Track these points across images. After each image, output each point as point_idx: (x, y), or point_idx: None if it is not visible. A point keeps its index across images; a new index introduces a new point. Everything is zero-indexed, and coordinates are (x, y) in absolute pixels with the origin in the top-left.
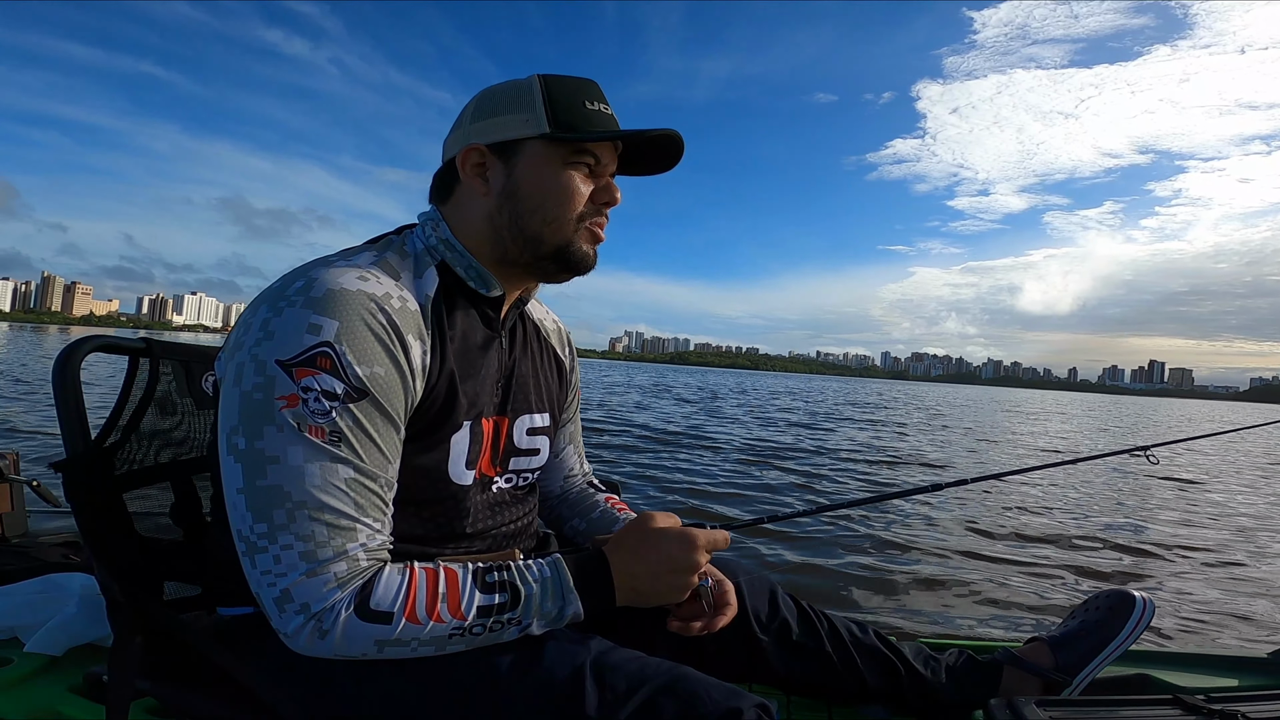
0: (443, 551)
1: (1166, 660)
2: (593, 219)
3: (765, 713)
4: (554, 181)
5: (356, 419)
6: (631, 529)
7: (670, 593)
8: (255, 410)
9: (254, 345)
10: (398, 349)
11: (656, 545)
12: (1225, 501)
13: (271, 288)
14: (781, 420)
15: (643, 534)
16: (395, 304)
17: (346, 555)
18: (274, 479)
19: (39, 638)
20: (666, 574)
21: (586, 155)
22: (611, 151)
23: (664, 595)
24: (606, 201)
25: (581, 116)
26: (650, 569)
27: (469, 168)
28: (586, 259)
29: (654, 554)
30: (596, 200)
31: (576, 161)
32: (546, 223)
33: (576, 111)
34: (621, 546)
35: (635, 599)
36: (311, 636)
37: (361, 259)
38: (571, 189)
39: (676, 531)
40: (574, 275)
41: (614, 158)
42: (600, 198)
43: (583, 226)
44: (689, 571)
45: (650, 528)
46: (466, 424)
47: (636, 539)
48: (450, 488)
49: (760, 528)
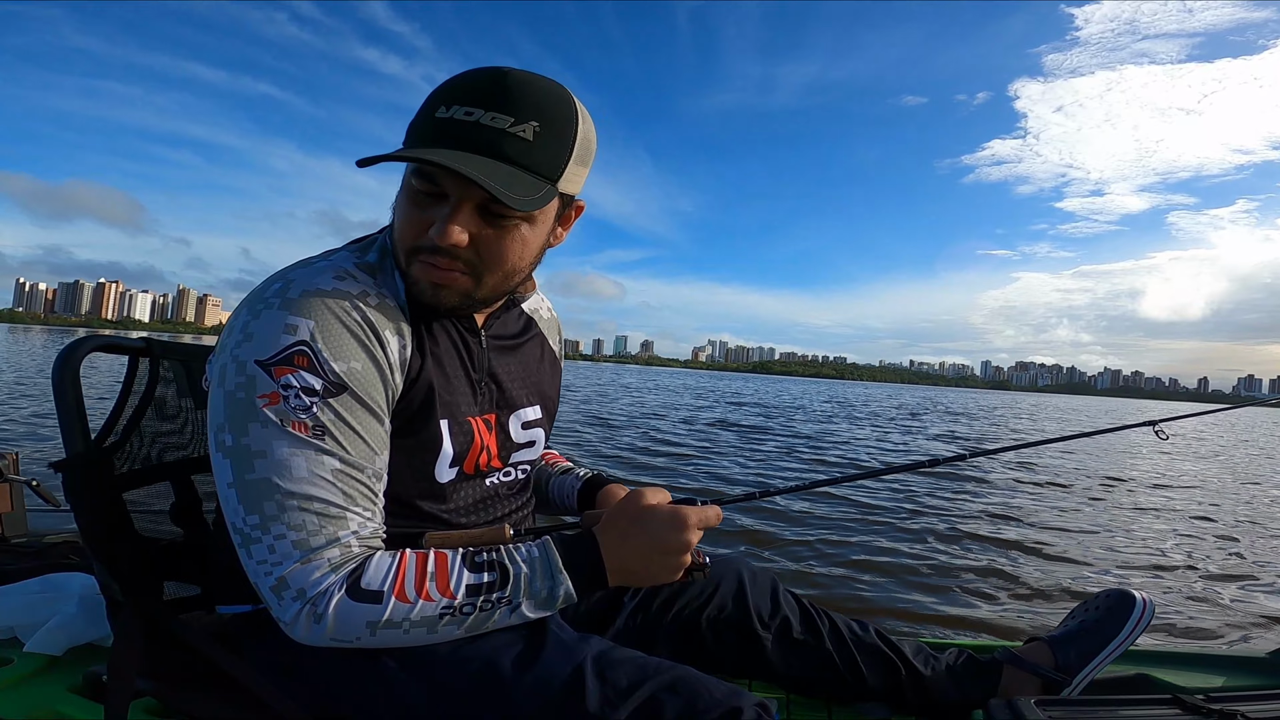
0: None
1: (1166, 660)
2: (425, 255)
3: (765, 712)
4: (397, 203)
5: (338, 413)
6: (621, 508)
7: (662, 573)
8: (239, 408)
9: (235, 347)
10: (374, 344)
11: (647, 525)
12: (1226, 501)
13: (253, 291)
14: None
15: (633, 513)
16: (372, 300)
17: (339, 542)
18: (262, 472)
19: (39, 638)
20: (658, 555)
21: (425, 180)
22: (454, 177)
23: (656, 576)
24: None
25: (429, 127)
26: (641, 550)
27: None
28: (424, 296)
29: (645, 534)
30: (429, 234)
31: (415, 186)
32: (395, 247)
33: (425, 122)
34: (612, 527)
35: (627, 579)
36: (308, 622)
37: (340, 258)
38: (402, 215)
39: (667, 510)
40: (433, 313)
41: (460, 185)
42: (430, 232)
43: (415, 260)
44: (680, 552)
45: (641, 506)
46: (446, 421)
47: (627, 519)
48: (435, 485)
49: (761, 527)
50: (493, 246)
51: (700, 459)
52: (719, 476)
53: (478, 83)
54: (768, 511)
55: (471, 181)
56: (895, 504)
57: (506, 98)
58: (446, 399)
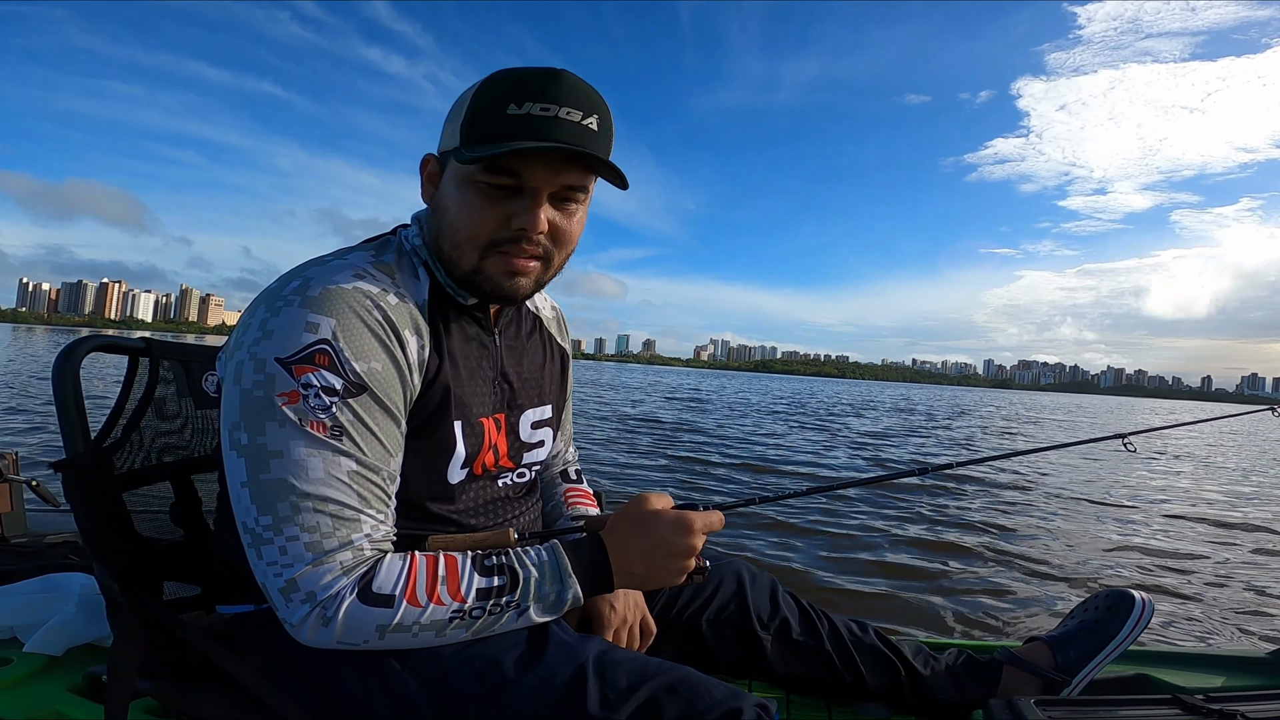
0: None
1: (1166, 660)
2: (505, 247)
3: (765, 712)
4: (458, 201)
5: (357, 413)
6: (627, 512)
7: (666, 576)
8: (256, 407)
9: (252, 344)
10: (394, 344)
11: (652, 530)
12: (1225, 501)
13: (269, 289)
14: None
15: (638, 518)
16: (391, 300)
17: (351, 545)
18: (277, 473)
19: (38, 638)
20: (663, 558)
21: (500, 174)
22: (543, 166)
23: (660, 579)
24: (522, 228)
25: (502, 124)
26: (647, 553)
27: (425, 175)
28: (501, 289)
29: (650, 539)
30: (513, 225)
31: (486, 181)
32: (454, 246)
33: (495, 119)
34: (617, 531)
35: (632, 583)
36: (316, 625)
37: (356, 258)
38: (473, 211)
39: (672, 515)
40: (501, 304)
41: (549, 173)
42: (515, 223)
43: (492, 254)
44: (685, 556)
45: (645, 510)
46: (460, 423)
47: (631, 523)
48: (445, 486)
49: (762, 525)
50: (563, 230)
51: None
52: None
53: (544, 81)
54: (767, 514)
55: (553, 170)
56: (889, 508)
57: (574, 94)
58: (462, 400)
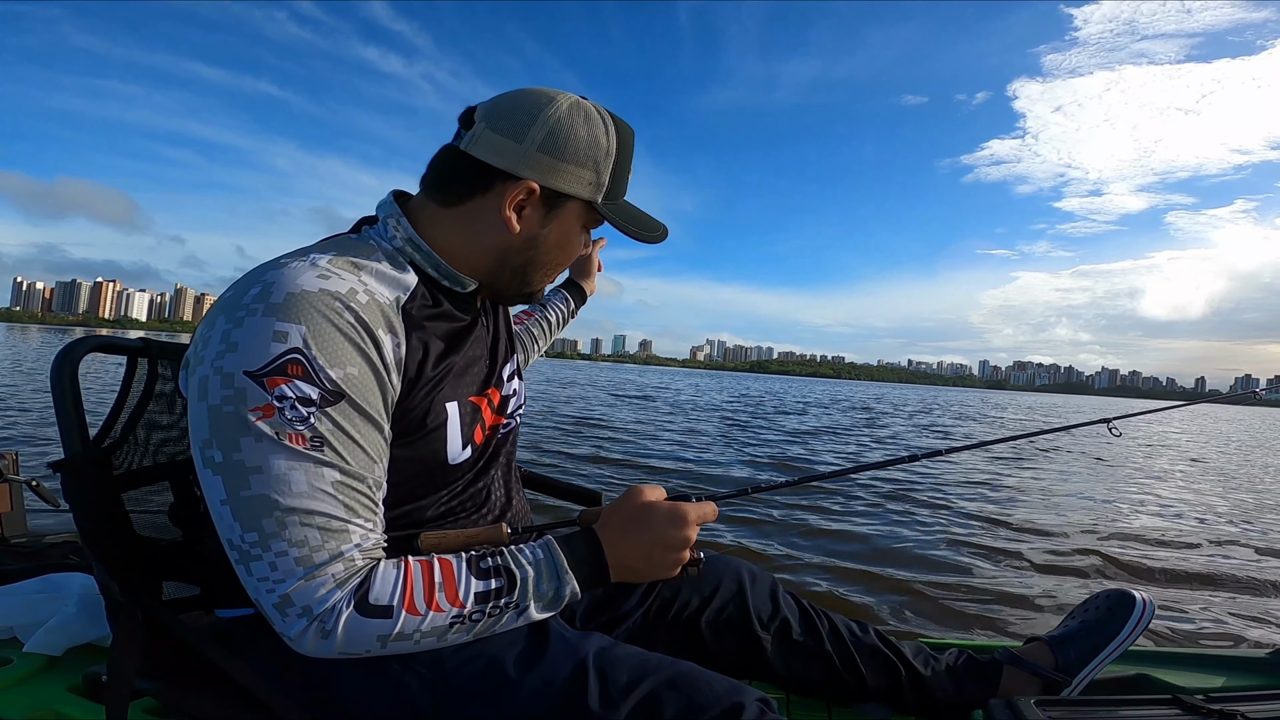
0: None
1: (1166, 660)
2: None
3: (768, 707)
4: (573, 242)
5: (336, 422)
6: (620, 505)
7: (662, 569)
8: (227, 423)
9: (216, 359)
10: (369, 346)
11: (648, 523)
12: (1225, 500)
13: (225, 298)
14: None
15: (631, 510)
16: (361, 299)
17: (342, 556)
18: (259, 489)
19: (38, 638)
20: (658, 550)
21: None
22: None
23: (655, 572)
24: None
25: (624, 185)
26: (642, 546)
27: (513, 202)
28: (533, 298)
29: (645, 531)
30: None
31: (590, 225)
32: (547, 274)
33: (622, 179)
34: (612, 524)
35: (628, 576)
36: (315, 638)
37: (318, 256)
38: (576, 248)
39: (667, 507)
40: (512, 304)
41: None
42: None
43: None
44: (680, 548)
45: (639, 503)
46: (454, 406)
47: (625, 516)
48: (448, 474)
49: (759, 524)
50: None
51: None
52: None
53: (633, 141)
54: (764, 513)
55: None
56: (890, 503)
57: None
58: (452, 390)
